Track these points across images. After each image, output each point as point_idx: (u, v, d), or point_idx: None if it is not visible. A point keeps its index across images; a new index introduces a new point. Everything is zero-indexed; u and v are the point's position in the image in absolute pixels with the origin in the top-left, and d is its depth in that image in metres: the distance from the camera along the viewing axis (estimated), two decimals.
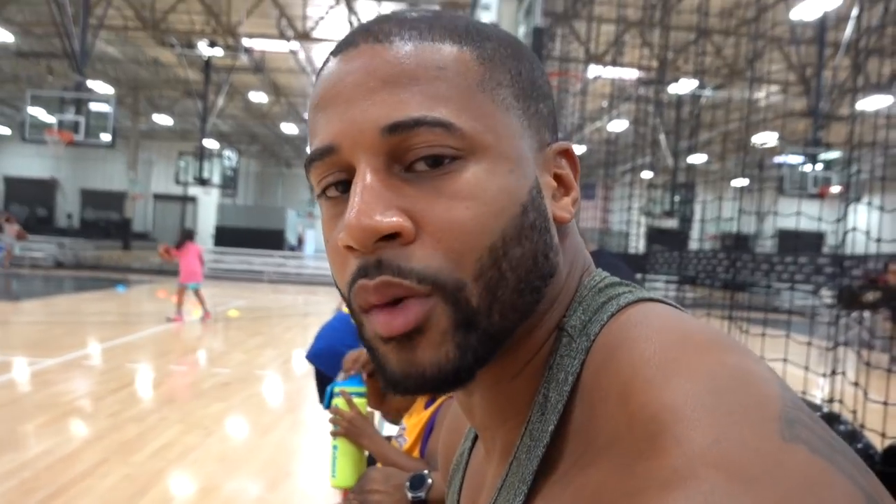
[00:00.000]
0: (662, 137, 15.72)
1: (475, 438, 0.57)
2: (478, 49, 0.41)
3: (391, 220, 0.38)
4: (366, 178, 0.39)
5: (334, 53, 0.43)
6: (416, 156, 0.39)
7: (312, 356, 2.79)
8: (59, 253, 18.95)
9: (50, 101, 13.92)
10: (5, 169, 29.09)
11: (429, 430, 1.65)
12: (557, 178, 0.45)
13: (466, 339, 0.39)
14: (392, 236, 0.38)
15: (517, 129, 0.42)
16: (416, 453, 1.65)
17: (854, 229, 2.33)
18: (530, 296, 0.41)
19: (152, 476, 3.63)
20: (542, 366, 0.43)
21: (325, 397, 1.79)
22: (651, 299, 0.42)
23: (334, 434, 1.60)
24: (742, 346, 0.38)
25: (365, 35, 0.41)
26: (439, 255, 0.38)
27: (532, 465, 0.40)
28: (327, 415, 1.75)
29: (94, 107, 13.70)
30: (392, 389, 0.41)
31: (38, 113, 13.71)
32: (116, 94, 17.16)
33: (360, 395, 1.63)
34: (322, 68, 0.44)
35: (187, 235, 10.23)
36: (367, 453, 1.61)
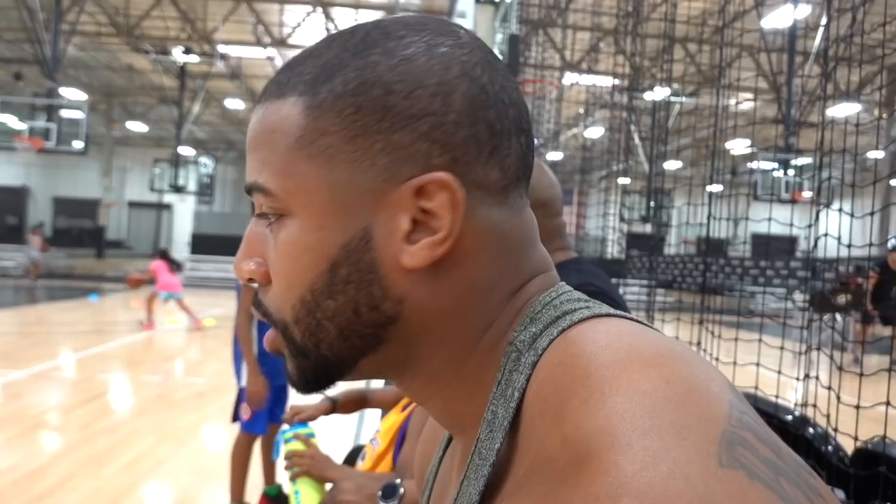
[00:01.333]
0: (638, 143, 15.90)
1: (446, 447, 0.56)
2: (312, 97, 0.41)
3: (248, 268, 0.45)
4: (250, 226, 0.46)
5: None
6: (264, 212, 0.45)
7: None
8: (30, 262, 18.56)
9: (20, 108, 13.68)
10: None
11: (401, 436, 1.63)
12: (427, 212, 0.41)
13: (302, 363, 0.45)
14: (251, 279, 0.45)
15: (341, 179, 0.41)
16: (388, 458, 1.63)
17: (826, 234, 2.36)
18: (360, 340, 0.43)
19: (124, 489, 3.55)
20: (491, 381, 0.42)
21: (273, 450, 1.78)
22: (610, 315, 0.41)
23: (294, 477, 1.57)
24: (698, 358, 0.36)
25: (262, 93, 0.46)
26: (273, 298, 0.44)
27: (479, 484, 0.39)
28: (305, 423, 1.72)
29: (67, 113, 13.48)
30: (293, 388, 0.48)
31: (8, 119, 13.46)
32: (90, 100, 16.91)
33: (311, 435, 1.62)
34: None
35: (162, 254, 10.29)
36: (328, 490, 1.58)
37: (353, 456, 2.08)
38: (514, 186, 0.44)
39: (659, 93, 13.39)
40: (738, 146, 16.62)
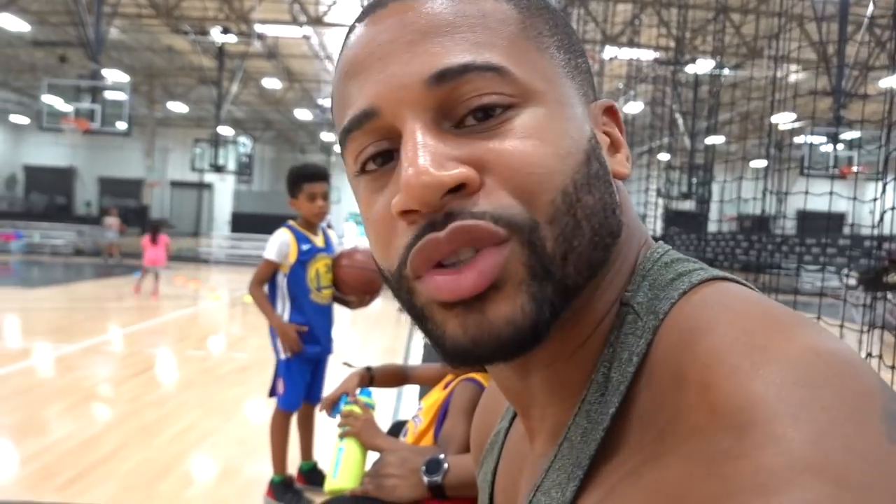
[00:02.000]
0: (680, 118, 15.50)
1: (513, 418, 0.54)
2: (537, 5, 0.41)
3: (455, 171, 0.35)
4: (416, 136, 0.36)
5: (360, 19, 0.40)
6: (467, 108, 0.36)
7: None
8: (79, 240, 19.17)
9: (66, 90, 14.01)
10: (25, 158, 29.44)
11: (443, 413, 1.63)
12: (606, 134, 0.43)
13: (542, 289, 0.35)
14: (457, 189, 0.35)
15: (564, 79, 0.40)
16: (430, 434, 1.63)
17: (893, 208, 2.24)
18: (602, 252, 0.38)
19: (172, 459, 3.66)
20: (602, 342, 0.39)
21: (334, 410, 1.81)
22: (725, 278, 0.38)
23: (343, 435, 1.59)
24: (828, 330, 0.34)
25: None
26: (510, 197, 0.35)
27: (590, 448, 0.36)
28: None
29: (110, 95, 13.78)
30: (456, 362, 0.37)
31: (54, 102, 13.81)
32: (131, 81, 17.22)
33: (371, 406, 1.65)
34: (348, 36, 0.40)
35: (157, 227, 11.04)
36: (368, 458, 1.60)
37: (393, 432, 2.09)
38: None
39: (702, 65, 13.01)
40: (785, 119, 16.10)
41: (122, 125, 13.82)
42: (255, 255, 18.74)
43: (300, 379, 3.18)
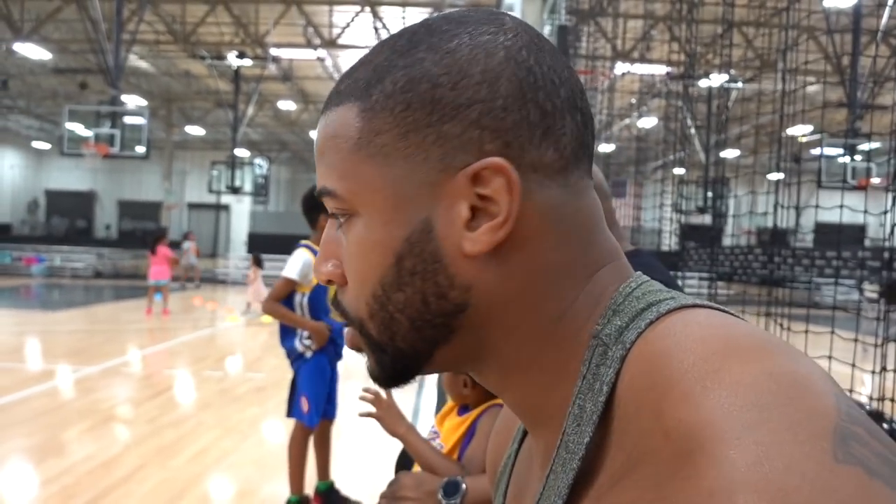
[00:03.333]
0: (693, 132, 15.46)
1: (521, 440, 0.56)
2: (363, 101, 0.43)
3: (326, 270, 0.47)
4: (327, 230, 0.48)
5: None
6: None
7: None
8: (99, 263, 19.44)
9: (86, 116, 14.29)
10: (46, 182, 29.99)
11: (469, 436, 1.63)
12: (485, 198, 0.41)
13: (382, 358, 0.46)
14: (330, 280, 0.47)
15: (399, 174, 0.42)
16: (454, 458, 1.62)
17: None
18: (433, 330, 0.43)
19: (190, 480, 3.67)
20: (574, 374, 0.42)
21: None
22: (696, 305, 0.40)
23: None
24: (795, 350, 0.35)
25: (325, 103, 0.47)
26: (349, 297, 0.46)
27: (567, 478, 0.38)
28: (364, 420, 1.73)
29: (129, 120, 14.03)
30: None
31: (75, 127, 14.08)
32: (150, 106, 17.54)
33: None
34: None
35: (157, 238, 11.64)
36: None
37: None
38: (574, 166, 0.43)
39: (715, 79, 12.99)
40: (800, 132, 16.01)
41: (140, 149, 14.05)
42: (273, 276, 18.85)
43: (321, 383, 3.22)
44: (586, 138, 0.44)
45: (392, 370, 0.46)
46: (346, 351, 3.37)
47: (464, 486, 1.34)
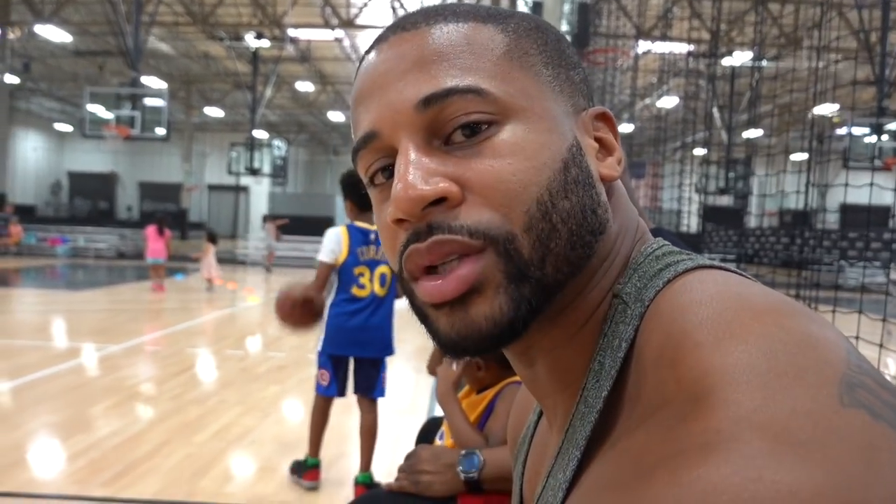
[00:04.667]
0: (716, 112, 15.20)
1: (542, 411, 0.56)
2: (501, 24, 0.44)
3: (436, 186, 0.39)
4: (408, 154, 0.41)
5: (369, 50, 0.46)
6: (453, 126, 0.41)
7: None
8: (121, 243, 19.69)
9: (107, 98, 14.41)
10: (69, 164, 30.38)
11: (488, 412, 1.64)
12: (598, 140, 0.47)
13: (520, 290, 0.40)
14: (439, 202, 0.40)
15: (549, 93, 0.44)
16: None
17: None
18: (582, 249, 0.42)
19: (213, 456, 3.74)
20: (597, 332, 0.43)
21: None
22: (712, 266, 0.41)
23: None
24: (809, 311, 0.36)
25: (394, 28, 0.44)
26: (488, 210, 0.39)
27: (585, 430, 0.39)
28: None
29: (149, 102, 14.12)
30: (449, 353, 0.42)
31: (96, 109, 14.21)
32: (169, 88, 17.63)
33: None
34: (360, 64, 0.46)
35: (162, 220, 11.87)
36: None
37: (428, 429, 2.10)
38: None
39: (739, 58, 12.73)
40: (826, 111, 15.66)
41: (161, 131, 14.16)
42: (291, 257, 18.99)
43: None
44: None
45: (526, 309, 0.40)
46: None
47: (482, 458, 1.34)
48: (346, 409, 4.90)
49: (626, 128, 15.15)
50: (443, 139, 0.41)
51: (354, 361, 3.33)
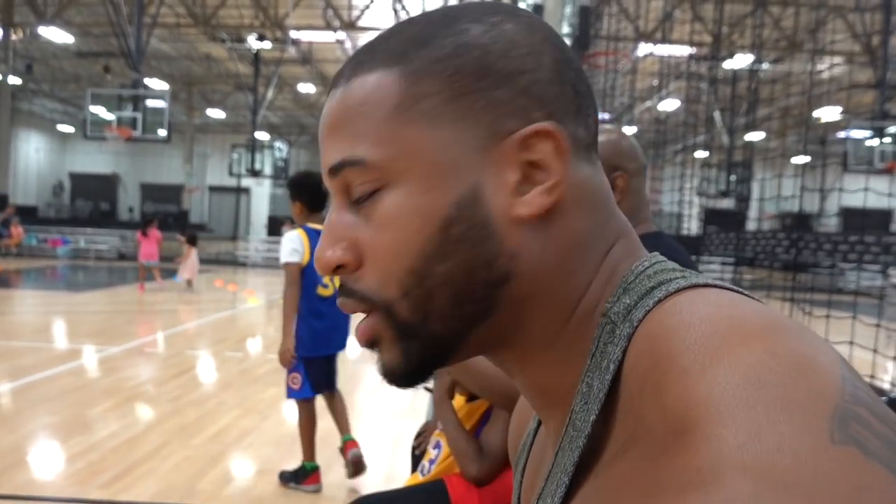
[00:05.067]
0: (717, 115, 15.20)
1: (540, 423, 0.56)
2: (404, 66, 0.42)
3: (335, 255, 0.43)
4: (331, 213, 0.45)
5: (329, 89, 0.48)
6: (354, 192, 0.43)
7: None
8: (122, 245, 19.72)
9: (109, 99, 14.43)
10: (70, 165, 30.42)
11: (484, 420, 1.66)
12: (534, 164, 0.41)
13: (409, 345, 0.43)
14: (341, 267, 0.44)
15: (444, 138, 0.41)
16: None
17: None
18: (474, 304, 0.42)
19: (211, 458, 3.74)
20: (584, 352, 0.42)
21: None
22: (708, 285, 0.39)
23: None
24: (806, 331, 0.34)
25: (335, 77, 0.46)
26: (372, 278, 0.42)
27: (573, 455, 0.39)
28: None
29: (151, 103, 14.14)
30: (388, 383, 0.46)
31: (98, 111, 14.23)
32: (171, 89, 17.65)
33: None
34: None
35: (149, 221, 12.42)
36: None
37: (425, 431, 2.12)
38: (594, 146, 0.46)
39: (740, 60, 12.73)
40: (827, 114, 15.64)
41: (162, 132, 14.18)
42: None
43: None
44: (597, 124, 0.47)
45: (419, 360, 0.43)
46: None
47: None
48: None
49: (627, 130, 15.18)
50: (352, 200, 0.44)
51: (327, 359, 3.47)
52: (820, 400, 0.28)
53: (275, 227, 22.35)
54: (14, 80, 19.45)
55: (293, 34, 16.60)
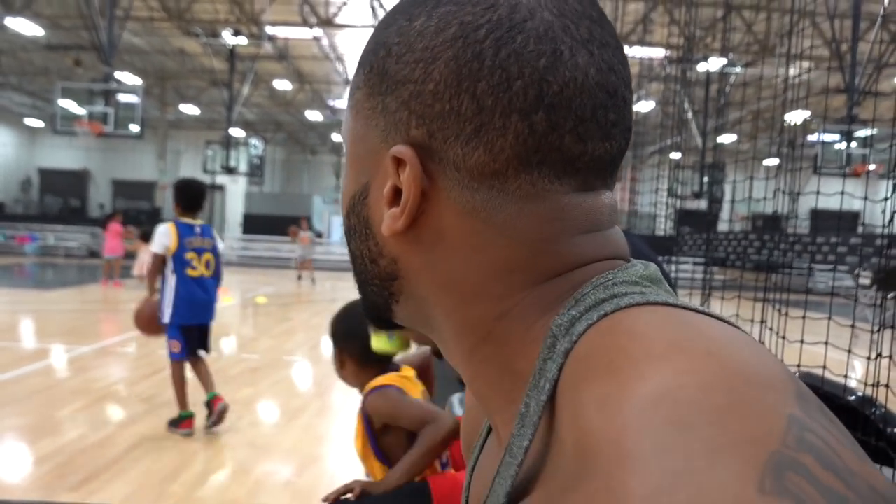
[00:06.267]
0: (691, 117, 15.42)
1: (490, 428, 0.54)
2: (365, 66, 0.43)
3: None
4: None
5: None
6: None
7: None
8: (92, 242, 19.36)
9: (79, 93, 14.14)
10: (39, 161, 29.73)
11: (366, 421, 1.77)
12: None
13: (362, 300, 0.48)
14: None
15: (361, 132, 0.43)
16: (366, 446, 1.77)
17: None
18: (375, 287, 0.45)
19: (184, 459, 3.68)
20: (528, 369, 0.38)
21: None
22: (667, 304, 0.35)
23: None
24: (761, 354, 0.30)
25: None
26: None
27: (506, 485, 0.36)
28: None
29: (123, 98, 13.89)
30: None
31: (68, 105, 13.93)
32: (144, 84, 17.36)
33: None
34: None
35: (110, 216, 12.96)
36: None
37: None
38: (521, 171, 0.38)
39: (713, 63, 12.92)
40: (797, 117, 15.95)
41: (134, 128, 13.93)
42: (267, 257, 18.84)
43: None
44: (545, 142, 0.37)
45: (368, 313, 0.48)
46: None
47: None
48: (319, 413, 4.88)
49: None
50: None
51: (199, 328, 4.24)
52: (753, 446, 0.24)
53: (250, 224, 22.13)
54: None
55: (269, 30, 16.43)
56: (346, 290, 13.31)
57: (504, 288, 0.40)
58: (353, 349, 1.75)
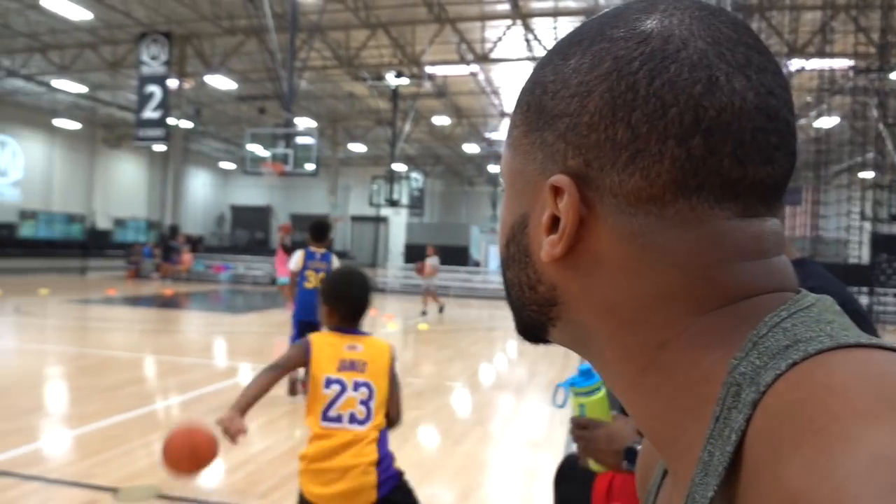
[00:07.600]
0: (884, 131, 13.79)
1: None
2: (520, 104, 0.46)
3: None
4: None
5: None
6: None
7: None
8: (274, 271, 21.25)
9: (264, 138, 15.77)
10: (231, 198, 33.49)
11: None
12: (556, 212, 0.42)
13: (516, 319, 0.49)
14: None
15: (517, 167, 0.45)
16: None
17: None
18: (532, 313, 0.46)
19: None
20: (707, 411, 0.37)
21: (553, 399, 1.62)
22: (861, 345, 0.32)
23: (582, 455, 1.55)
24: None
25: None
26: None
27: None
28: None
29: (301, 140, 15.27)
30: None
31: (255, 148, 15.58)
32: (318, 127, 18.97)
33: (587, 393, 1.41)
34: None
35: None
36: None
37: (566, 465, 2.08)
38: (679, 195, 0.38)
39: None
40: None
41: (310, 167, 15.23)
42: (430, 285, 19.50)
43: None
44: (703, 167, 0.37)
45: (521, 331, 0.49)
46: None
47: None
48: (481, 440, 4.91)
49: None
50: None
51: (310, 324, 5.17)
52: None
53: (412, 254, 23.09)
54: (186, 124, 21.82)
55: (429, 69, 17.28)
56: (504, 319, 13.37)
57: (664, 316, 0.40)
58: (342, 309, 2.42)
